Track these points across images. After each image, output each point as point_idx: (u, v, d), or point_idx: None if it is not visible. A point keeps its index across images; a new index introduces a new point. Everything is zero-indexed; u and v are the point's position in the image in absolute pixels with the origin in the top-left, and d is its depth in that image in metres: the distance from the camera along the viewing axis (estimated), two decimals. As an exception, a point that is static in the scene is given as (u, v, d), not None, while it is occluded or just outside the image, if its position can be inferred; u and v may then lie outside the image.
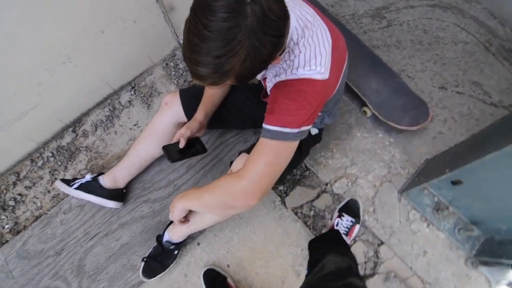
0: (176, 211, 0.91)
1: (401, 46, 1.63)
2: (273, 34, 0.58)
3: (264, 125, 0.75)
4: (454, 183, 1.12)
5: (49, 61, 1.21)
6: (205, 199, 0.83)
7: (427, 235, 1.25)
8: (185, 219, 0.98)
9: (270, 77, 0.83)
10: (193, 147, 1.06)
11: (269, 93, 0.83)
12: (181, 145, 1.01)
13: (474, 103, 1.48)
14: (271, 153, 0.75)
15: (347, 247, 1.14)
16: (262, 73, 0.89)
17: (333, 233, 1.19)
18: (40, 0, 1.04)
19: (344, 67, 0.84)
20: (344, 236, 1.19)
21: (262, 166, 0.75)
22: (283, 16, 0.59)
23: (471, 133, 1.42)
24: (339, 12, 1.75)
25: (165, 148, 1.01)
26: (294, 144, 0.77)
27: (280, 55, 0.77)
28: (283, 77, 0.75)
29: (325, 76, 0.72)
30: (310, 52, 0.72)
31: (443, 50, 1.61)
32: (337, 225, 1.22)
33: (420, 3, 1.75)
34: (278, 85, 0.76)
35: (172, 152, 1.01)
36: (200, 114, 1.08)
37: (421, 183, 1.17)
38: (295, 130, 0.73)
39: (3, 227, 1.33)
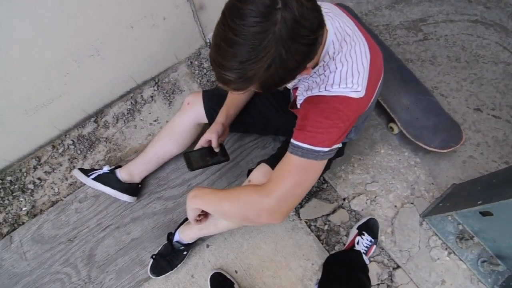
0: (190, 212, 0.89)
1: (436, 62, 1.54)
2: (303, 43, 0.54)
3: (294, 141, 0.72)
4: (483, 214, 1.05)
5: (79, 52, 1.22)
6: (224, 208, 0.80)
7: (447, 264, 1.18)
8: (201, 217, 0.96)
9: (302, 90, 0.80)
10: (215, 155, 1.03)
11: (298, 106, 0.79)
12: (216, 149, 0.99)
13: (511, 129, 1.38)
14: (300, 172, 0.72)
15: (366, 273, 1.08)
16: (293, 83, 0.86)
17: (355, 254, 1.14)
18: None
19: (379, 84, 0.80)
20: (363, 256, 1.14)
21: (290, 185, 0.72)
22: (317, 26, 0.55)
23: (505, 160, 1.33)
24: (372, 21, 1.69)
25: (186, 155, 0.98)
26: (323, 163, 0.73)
27: (313, 68, 0.73)
28: (315, 92, 0.71)
29: (361, 94, 0.68)
30: (347, 69, 0.68)
31: (481, 70, 1.51)
32: (357, 243, 1.17)
33: (460, 18, 1.65)
34: (310, 100, 0.73)
35: (192, 160, 0.98)
36: (222, 117, 1.05)
37: (447, 210, 1.10)
38: (326, 149, 0.70)
39: (21, 209, 1.36)
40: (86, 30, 1.18)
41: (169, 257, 1.17)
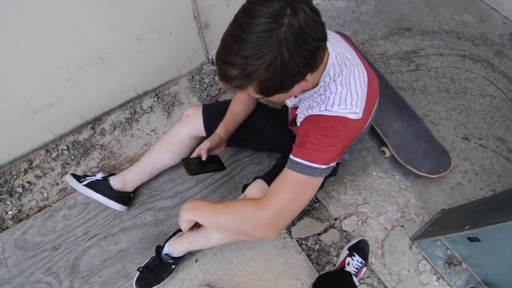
0: (184, 223, 0.88)
1: (427, 91, 1.62)
2: (305, 48, 0.58)
3: (293, 157, 0.74)
4: (471, 239, 1.07)
5: (84, 60, 1.25)
6: (220, 221, 0.79)
7: (436, 290, 1.19)
8: (194, 227, 0.95)
9: (303, 109, 0.83)
10: (212, 163, 1.05)
11: (298, 124, 0.82)
12: (204, 157, 1.00)
13: (497, 159, 1.43)
14: (297, 187, 0.74)
15: None
16: (294, 101, 0.89)
17: (345, 275, 1.13)
18: (85, 3, 1.09)
19: (375, 108, 0.84)
20: (353, 277, 1.13)
21: (287, 200, 0.73)
22: (320, 37, 0.60)
23: (492, 188, 1.37)
24: (368, 50, 1.77)
25: (184, 160, 1.00)
26: (320, 180, 0.75)
27: (314, 88, 0.77)
28: (316, 111, 0.74)
29: (359, 116, 0.72)
30: (347, 91, 0.72)
31: (469, 101, 1.59)
32: (347, 264, 1.16)
33: (450, 52, 1.75)
34: (310, 119, 0.76)
35: (191, 165, 0.99)
36: (221, 130, 1.08)
37: (436, 234, 1.12)
38: (324, 166, 0.72)
39: (7, 213, 1.33)
40: (94, 39, 1.21)
41: (156, 270, 1.14)
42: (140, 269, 1.14)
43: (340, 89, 0.73)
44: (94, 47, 1.24)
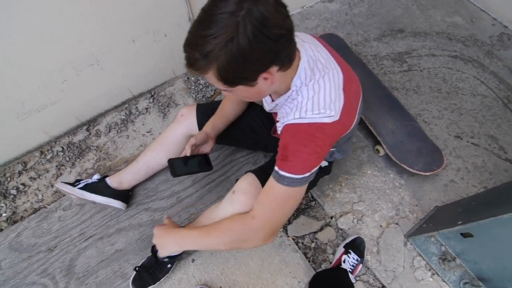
0: (166, 252, 0.94)
1: (420, 91, 1.64)
2: (264, 34, 0.59)
3: (279, 170, 0.75)
4: (464, 235, 1.09)
5: (79, 61, 1.25)
6: (211, 244, 0.85)
7: (431, 285, 1.20)
8: None
9: (280, 117, 0.85)
10: (199, 163, 1.05)
11: (279, 132, 0.84)
12: (188, 153, 1.01)
13: (489, 156, 1.46)
14: (282, 198, 0.77)
15: None
16: (270, 106, 0.90)
17: (341, 272, 1.14)
18: (80, 4, 1.10)
19: (358, 108, 0.85)
20: (349, 274, 1.14)
21: (275, 212, 0.77)
22: (283, 26, 0.61)
23: (484, 185, 1.39)
24: (361, 51, 1.80)
25: (170, 161, 1.01)
26: (304, 188, 0.78)
27: (286, 92, 0.79)
28: (291, 119, 0.75)
29: (335, 118, 0.73)
30: (319, 95, 0.73)
31: (461, 101, 1.62)
32: (344, 261, 1.17)
33: (442, 53, 1.79)
34: (288, 129, 0.76)
35: (175, 166, 1.00)
36: (208, 127, 1.09)
37: (429, 230, 1.14)
38: (307, 174, 0.74)
39: (1, 215, 1.32)
40: (89, 40, 1.22)
41: (152, 270, 1.14)
42: (137, 268, 1.14)
43: (312, 94, 0.73)
44: (89, 48, 1.24)
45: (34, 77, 1.19)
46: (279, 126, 0.83)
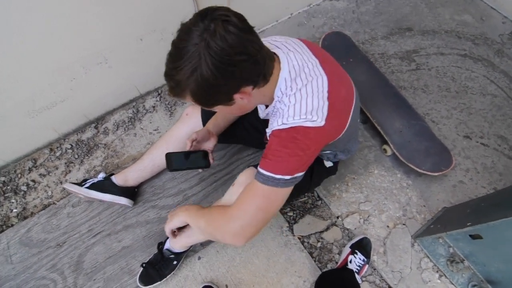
0: (176, 221, 0.94)
1: (428, 90, 1.63)
2: (222, 62, 0.62)
3: (258, 168, 0.76)
4: (473, 237, 1.07)
5: (87, 59, 1.26)
6: (201, 225, 0.87)
7: (438, 287, 1.18)
8: (177, 232, 1.02)
9: (269, 125, 0.85)
10: (196, 159, 1.04)
11: (268, 138, 0.85)
12: (188, 147, 1.02)
13: (499, 157, 1.44)
14: (261, 198, 0.76)
15: None
16: (263, 114, 0.92)
17: (348, 273, 1.14)
18: (89, 3, 1.11)
19: (352, 112, 0.85)
20: (356, 275, 1.14)
21: (252, 210, 0.76)
22: (243, 52, 0.63)
23: (494, 187, 1.37)
24: (369, 50, 1.78)
25: (167, 155, 1.00)
26: (286, 191, 0.77)
27: (270, 103, 0.81)
28: (275, 126, 0.76)
29: (320, 124, 0.72)
30: (300, 104, 0.73)
31: (470, 100, 1.60)
32: (350, 262, 1.17)
33: (450, 51, 1.76)
34: (273, 134, 0.77)
35: (172, 161, 1.00)
36: (209, 124, 1.11)
37: (437, 231, 1.12)
38: (287, 177, 0.73)
39: (11, 211, 1.34)
40: (98, 38, 1.23)
41: (158, 266, 1.15)
42: (143, 265, 1.15)
43: (293, 102, 0.74)
44: (97, 46, 1.25)
45: (45, 75, 1.21)
46: (268, 133, 0.84)
